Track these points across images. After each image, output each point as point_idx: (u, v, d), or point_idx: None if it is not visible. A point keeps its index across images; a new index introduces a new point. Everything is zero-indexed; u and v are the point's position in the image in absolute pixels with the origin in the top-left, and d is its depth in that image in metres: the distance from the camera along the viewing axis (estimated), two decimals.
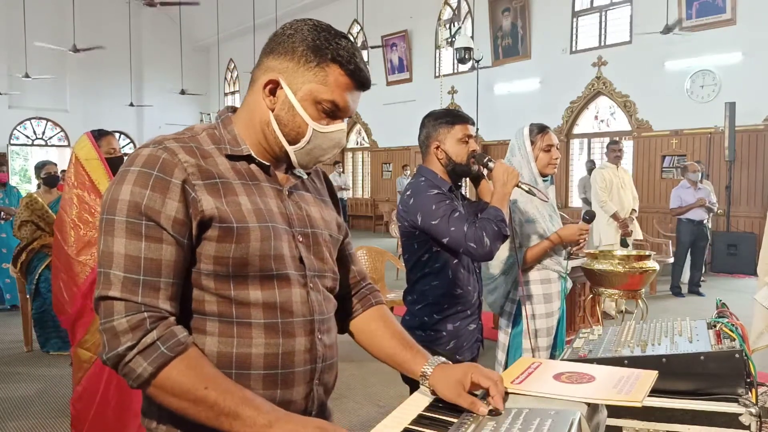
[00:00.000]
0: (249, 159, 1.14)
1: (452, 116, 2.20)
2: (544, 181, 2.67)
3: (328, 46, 1.09)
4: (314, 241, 1.18)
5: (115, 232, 1.00)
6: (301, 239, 1.15)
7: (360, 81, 1.13)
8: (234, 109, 1.22)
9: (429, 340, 2.17)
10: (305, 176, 1.24)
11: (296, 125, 1.12)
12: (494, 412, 1.04)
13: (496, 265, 2.66)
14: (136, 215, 1.00)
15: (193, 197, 1.04)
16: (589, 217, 2.67)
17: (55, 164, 5.83)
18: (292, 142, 1.13)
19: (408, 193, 2.21)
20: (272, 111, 1.13)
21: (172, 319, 1.02)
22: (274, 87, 1.12)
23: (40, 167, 5.61)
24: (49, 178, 5.47)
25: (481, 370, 1.14)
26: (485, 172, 2.21)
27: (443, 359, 1.23)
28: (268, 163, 1.16)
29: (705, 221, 7.54)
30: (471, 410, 1.06)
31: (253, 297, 1.08)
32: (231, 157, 1.12)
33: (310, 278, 1.15)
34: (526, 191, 2.20)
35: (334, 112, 1.13)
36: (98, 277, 1.01)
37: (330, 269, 1.22)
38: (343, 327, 1.34)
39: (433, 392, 1.17)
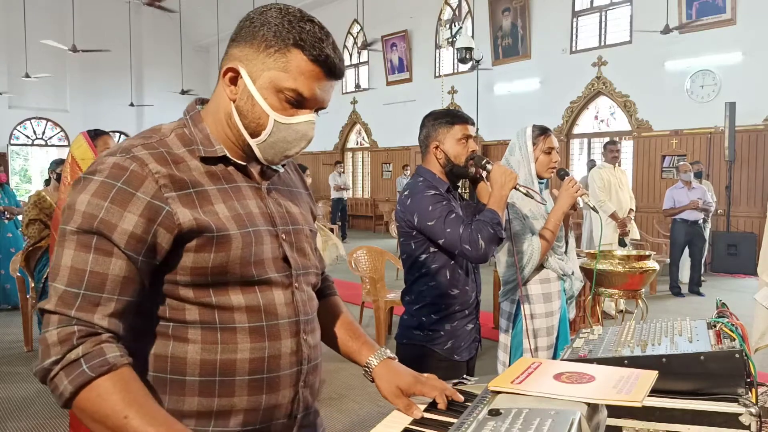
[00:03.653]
0: (224, 160, 1.08)
1: (452, 116, 2.19)
2: (540, 183, 2.67)
3: (291, 30, 1.01)
4: (297, 238, 1.15)
5: (66, 243, 0.96)
6: (284, 237, 1.12)
7: (328, 68, 1.04)
8: (203, 102, 1.15)
9: (427, 339, 2.18)
10: (281, 170, 1.18)
11: (256, 116, 1.05)
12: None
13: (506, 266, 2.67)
14: (88, 227, 0.95)
15: (168, 211, 0.98)
16: (563, 172, 2.65)
17: None
18: (253, 135, 1.06)
19: (406, 193, 2.21)
20: (234, 102, 1.06)
21: (106, 335, 0.95)
22: (234, 76, 1.05)
23: (57, 164, 5.54)
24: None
25: (426, 385, 1.17)
26: (483, 174, 2.20)
27: (389, 353, 1.27)
28: (243, 163, 1.10)
29: (700, 221, 7.54)
30: (406, 413, 1.12)
31: (235, 301, 1.04)
32: (205, 159, 1.06)
33: (296, 277, 1.12)
34: (524, 194, 2.19)
35: (299, 101, 1.04)
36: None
37: (313, 265, 1.20)
38: None
39: (372, 379, 1.24)
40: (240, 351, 1.04)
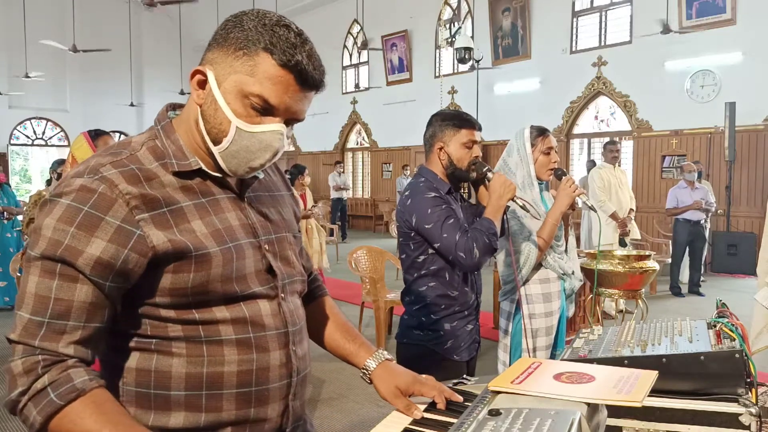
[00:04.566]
0: (199, 173, 1.03)
1: (460, 120, 2.19)
2: (540, 184, 2.67)
3: (262, 34, 0.96)
4: (280, 246, 1.12)
5: (31, 269, 0.93)
6: (267, 248, 1.08)
7: (300, 76, 0.97)
8: (174, 107, 1.12)
9: (427, 339, 2.19)
10: (261, 176, 1.13)
11: (218, 121, 0.99)
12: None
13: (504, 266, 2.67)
14: (51, 254, 0.91)
15: (140, 235, 0.94)
16: (560, 172, 2.64)
17: None
18: (215, 142, 1.00)
19: (406, 193, 2.22)
20: (200, 107, 1.01)
21: (72, 361, 0.92)
22: (202, 79, 1.00)
23: (58, 163, 5.61)
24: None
25: (425, 385, 1.17)
26: (486, 181, 2.21)
27: (387, 355, 1.26)
28: (219, 175, 1.05)
29: (702, 221, 7.55)
30: (405, 413, 1.11)
31: (219, 316, 1.01)
32: (179, 174, 1.01)
33: (282, 288, 1.09)
34: (520, 206, 2.18)
35: (265, 109, 0.98)
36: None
37: (298, 272, 1.17)
38: None
39: (370, 381, 1.23)
40: (227, 363, 1.01)
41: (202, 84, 1.01)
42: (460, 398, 1.14)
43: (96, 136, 2.94)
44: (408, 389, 1.18)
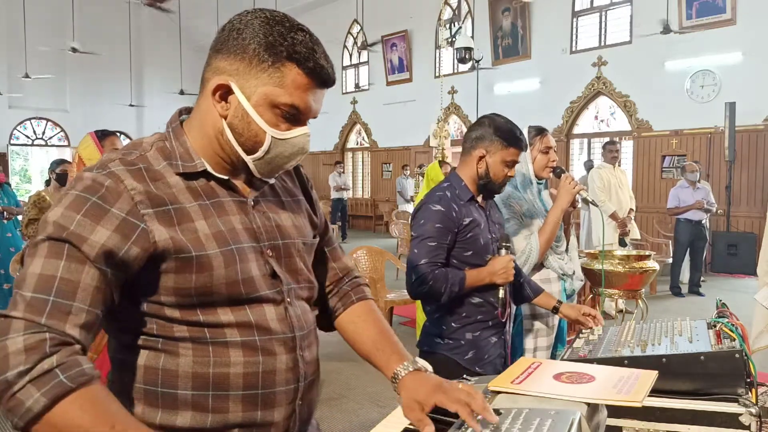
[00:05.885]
0: (205, 174, 1.04)
1: (513, 138, 2.11)
2: (539, 183, 2.67)
3: (282, 42, 0.97)
4: (286, 252, 1.10)
5: (36, 252, 0.91)
6: (270, 253, 1.08)
7: (321, 79, 1.01)
8: (188, 111, 1.11)
9: (449, 348, 2.12)
10: (272, 181, 1.13)
11: (252, 134, 1.02)
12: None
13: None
14: (58, 236, 0.91)
15: (143, 228, 0.95)
16: (560, 170, 2.63)
17: (71, 163, 5.83)
18: (249, 152, 1.03)
19: (424, 197, 2.20)
20: (225, 119, 1.02)
21: (79, 347, 0.89)
22: (225, 92, 1.01)
23: (57, 163, 5.60)
24: (62, 175, 5.47)
25: (448, 394, 1.05)
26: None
27: (419, 364, 1.15)
28: (225, 177, 1.06)
29: (703, 221, 7.55)
30: (417, 426, 1.05)
31: (224, 319, 1.01)
32: (185, 175, 1.03)
33: (287, 292, 1.09)
34: (499, 298, 2.09)
35: (294, 115, 1.02)
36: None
37: (305, 279, 1.15)
38: (329, 326, 1.30)
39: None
40: (233, 365, 1.01)
41: (224, 96, 1.01)
42: (496, 418, 0.98)
43: (103, 136, 2.95)
44: (427, 400, 1.07)
